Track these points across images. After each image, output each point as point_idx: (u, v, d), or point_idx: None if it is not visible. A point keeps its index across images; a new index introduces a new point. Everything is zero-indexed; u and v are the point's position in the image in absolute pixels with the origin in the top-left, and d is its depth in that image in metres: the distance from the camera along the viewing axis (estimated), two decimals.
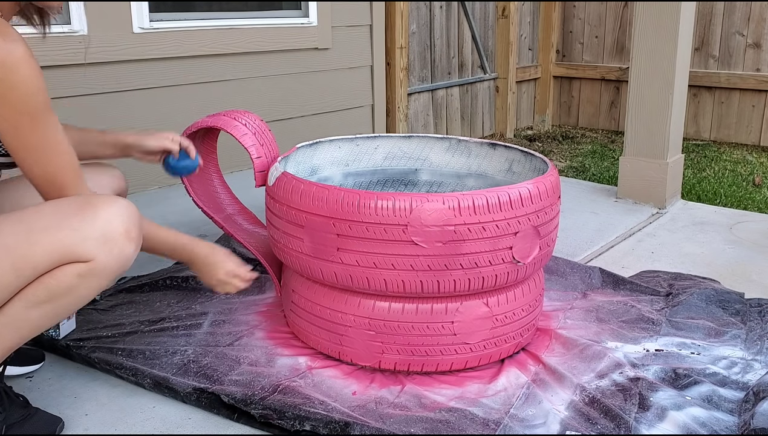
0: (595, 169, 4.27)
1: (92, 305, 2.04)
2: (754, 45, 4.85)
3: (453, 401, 1.61)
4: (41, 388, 1.66)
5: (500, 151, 2.09)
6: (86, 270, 1.30)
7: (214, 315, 1.98)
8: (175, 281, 2.17)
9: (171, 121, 3.29)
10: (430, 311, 1.64)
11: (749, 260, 2.56)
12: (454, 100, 4.91)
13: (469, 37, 4.94)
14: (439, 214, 1.54)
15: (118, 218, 1.32)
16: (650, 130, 3.10)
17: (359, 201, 1.56)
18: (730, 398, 1.62)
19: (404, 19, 4.28)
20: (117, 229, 1.31)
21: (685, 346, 1.87)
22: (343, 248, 1.59)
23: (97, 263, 1.30)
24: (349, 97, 4.15)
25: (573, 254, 2.55)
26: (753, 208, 3.47)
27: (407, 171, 2.21)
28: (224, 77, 3.51)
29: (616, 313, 2.05)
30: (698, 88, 5.04)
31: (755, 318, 2.03)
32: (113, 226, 1.31)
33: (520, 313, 1.74)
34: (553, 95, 5.74)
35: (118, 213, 1.33)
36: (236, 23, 3.52)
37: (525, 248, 1.64)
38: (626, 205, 3.16)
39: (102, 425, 1.54)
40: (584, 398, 1.61)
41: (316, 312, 1.73)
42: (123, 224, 1.32)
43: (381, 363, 1.70)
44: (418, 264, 1.56)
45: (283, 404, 1.54)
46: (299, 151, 2.03)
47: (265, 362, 1.74)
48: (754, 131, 4.93)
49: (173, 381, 1.63)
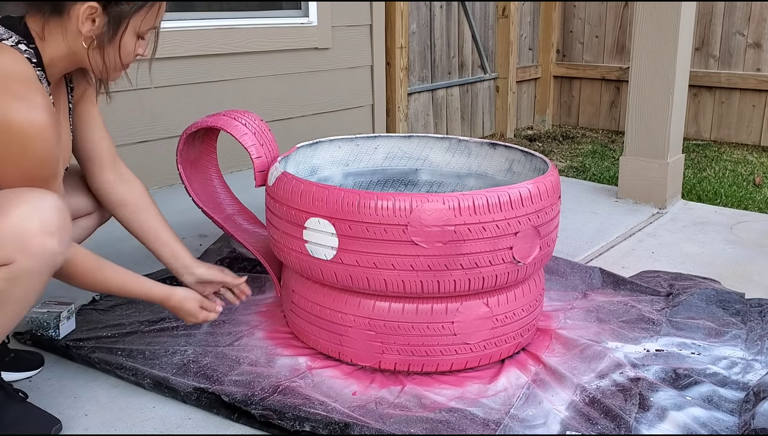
0: (595, 169, 4.27)
1: (92, 305, 2.04)
2: (754, 45, 4.85)
3: (453, 401, 1.60)
4: (41, 388, 1.66)
5: (500, 151, 2.09)
6: (10, 273, 1.25)
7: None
8: (175, 281, 2.16)
9: (171, 121, 3.29)
10: (430, 311, 1.64)
11: (750, 260, 2.56)
12: (454, 100, 4.91)
13: (469, 37, 4.94)
14: (439, 214, 1.54)
15: (32, 214, 1.26)
16: (650, 130, 3.10)
17: (359, 201, 1.56)
18: (730, 399, 1.62)
19: (404, 19, 4.28)
20: (31, 226, 1.25)
21: (685, 346, 1.86)
22: (342, 248, 1.59)
23: (18, 264, 1.25)
24: (349, 97, 4.15)
25: (573, 254, 2.55)
26: (753, 208, 3.47)
27: (407, 171, 2.20)
28: (224, 77, 3.51)
29: (616, 313, 2.04)
30: (698, 88, 5.04)
31: (756, 318, 2.03)
32: (27, 224, 1.25)
33: (521, 313, 1.74)
34: (554, 95, 5.74)
35: (32, 208, 1.27)
36: (236, 23, 3.52)
37: (525, 248, 1.64)
38: (626, 205, 3.15)
39: (102, 425, 1.53)
40: (584, 398, 1.60)
41: (316, 312, 1.73)
42: (38, 219, 1.26)
43: (381, 363, 1.69)
44: (418, 264, 1.56)
45: (283, 405, 1.53)
46: (299, 151, 2.03)
47: (265, 362, 1.74)
48: (755, 131, 4.93)
49: (173, 381, 1.63)
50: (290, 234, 1.68)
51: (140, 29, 1.46)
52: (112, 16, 1.40)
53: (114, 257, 1.58)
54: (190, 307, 1.66)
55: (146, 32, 1.49)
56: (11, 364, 1.66)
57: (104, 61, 1.45)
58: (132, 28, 1.44)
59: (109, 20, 1.40)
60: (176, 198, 3.04)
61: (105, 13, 1.39)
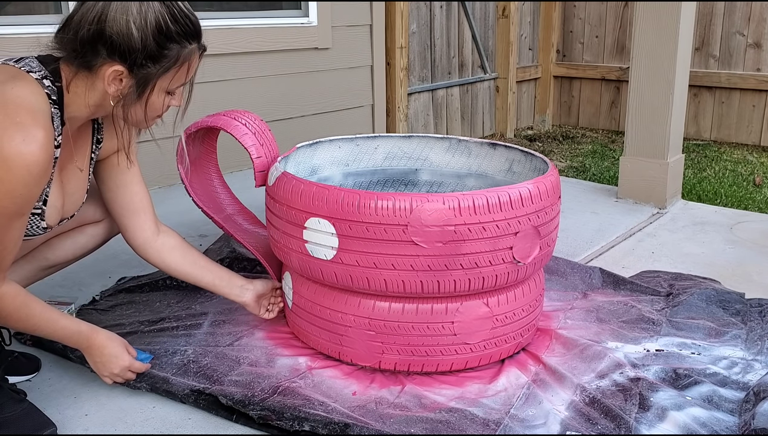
0: (595, 169, 4.27)
1: (92, 305, 2.04)
2: (754, 45, 4.85)
3: (453, 401, 1.60)
4: (41, 388, 1.66)
5: (500, 151, 2.09)
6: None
7: (214, 315, 1.98)
8: (175, 281, 2.17)
9: (170, 121, 3.28)
10: (431, 311, 1.64)
11: (750, 260, 2.56)
12: (454, 100, 4.91)
13: (469, 37, 4.94)
14: (439, 214, 1.54)
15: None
16: (650, 130, 3.10)
17: (359, 201, 1.56)
18: (730, 399, 1.62)
19: (404, 19, 4.28)
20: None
21: (685, 346, 1.86)
22: (343, 248, 1.59)
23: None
24: (349, 97, 4.15)
25: (573, 254, 2.55)
26: (753, 208, 3.47)
27: (407, 171, 2.20)
28: (224, 77, 3.51)
29: (616, 313, 2.04)
30: (699, 88, 5.04)
31: (756, 318, 2.03)
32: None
33: (521, 313, 1.74)
34: (554, 95, 5.74)
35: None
36: (236, 23, 3.52)
37: (525, 248, 1.64)
38: (626, 205, 3.15)
39: (102, 425, 1.53)
40: (584, 398, 1.60)
41: (316, 312, 1.73)
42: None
43: (381, 363, 1.69)
44: (418, 264, 1.56)
45: (282, 405, 1.53)
46: (299, 151, 2.03)
47: (265, 362, 1.74)
48: (755, 131, 4.93)
49: (173, 381, 1.63)
50: (290, 234, 1.68)
51: (169, 87, 1.45)
52: (138, 78, 1.38)
53: (115, 257, 1.57)
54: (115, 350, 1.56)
55: (176, 89, 1.47)
56: (10, 368, 1.66)
57: (128, 117, 1.45)
58: (159, 88, 1.43)
59: (137, 81, 1.39)
60: (176, 198, 3.04)
61: (131, 75, 1.38)
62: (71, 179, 1.55)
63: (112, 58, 1.35)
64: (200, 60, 1.49)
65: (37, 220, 1.47)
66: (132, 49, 1.34)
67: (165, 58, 1.38)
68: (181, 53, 1.41)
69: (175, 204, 2.99)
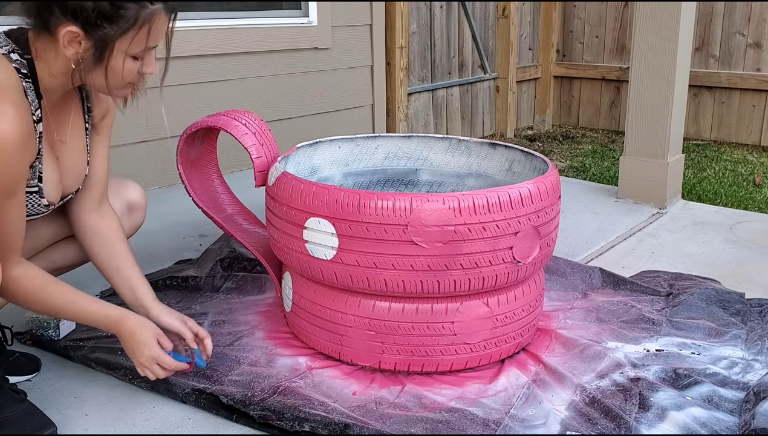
0: (595, 169, 4.27)
1: None
2: (754, 45, 4.85)
3: (453, 401, 1.60)
4: (41, 388, 1.66)
5: (500, 151, 2.09)
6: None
7: (214, 315, 1.98)
8: (175, 281, 2.17)
9: (170, 121, 3.29)
10: (431, 311, 1.64)
11: (750, 260, 2.56)
12: (454, 100, 4.91)
13: (469, 37, 4.94)
14: (440, 214, 1.54)
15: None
16: (650, 130, 3.10)
17: (359, 201, 1.56)
18: (730, 399, 1.62)
19: (404, 19, 4.28)
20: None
21: (685, 346, 1.86)
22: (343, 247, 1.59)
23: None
24: (349, 97, 4.15)
25: (573, 254, 2.55)
26: (753, 208, 3.47)
27: (407, 171, 2.20)
28: (224, 77, 3.51)
29: (616, 313, 2.04)
30: (699, 88, 5.04)
31: (756, 318, 2.03)
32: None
33: (521, 313, 1.74)
34: (554, 95, 5.74)
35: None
36: (236, 23, 3.52)
37: (525, 248, 1.64)
38: (626, 205, 3.15)
39: (102, 425, 1.53)
40: (584, 398, 1.60)
41: (316, 312, 1.73)
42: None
43: (381, 363, 1.69)
44: (418, 264, 1.56)
45: (282, 405, 1.53)
46: (299, 151, 2.03)
47: (265, 362, 1.74)
48: (755, 131, 4.93)
49: (173, 381, 1.63)
50: (290, 234, 1.68)
51: (130, 51, 1.38)
52: (95, 39, 1.34)
53: None
54: (145, 337, 1.48)
55: (140, 53, 1.41)
56: (9, 368, 1.66)
57: (89, 83, 1.41)
58: (119, 50, 1.37)
59: (94, 44, 1.35)
60: (176, 198, 3.04)
61: (88, 37, 1.34)
62: (66, 153, 1.52)
63: (65, 17, 1.31)
64: (171, 23, 1.43)
65: (36, 198, 1.45)
66: (83, 8, 1.31)
67: (121, 18, 1.33)
68: (141, 13, 1.35)
69: (175, 204, 2.99)
